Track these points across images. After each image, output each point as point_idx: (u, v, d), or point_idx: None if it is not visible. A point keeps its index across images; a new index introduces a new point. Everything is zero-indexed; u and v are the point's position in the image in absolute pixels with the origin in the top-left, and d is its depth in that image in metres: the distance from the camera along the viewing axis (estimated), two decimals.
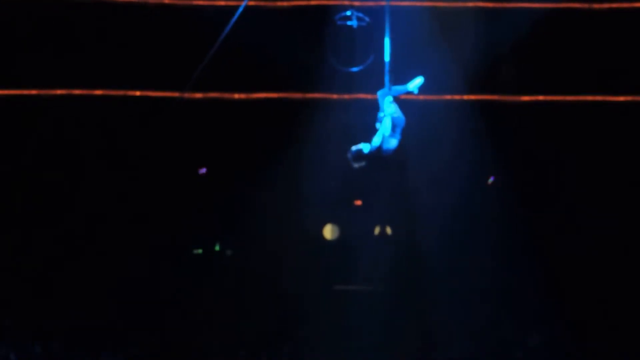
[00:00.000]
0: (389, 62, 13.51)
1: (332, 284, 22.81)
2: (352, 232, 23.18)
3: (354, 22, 17.89)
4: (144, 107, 21.54)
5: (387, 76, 13.47)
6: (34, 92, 21.39)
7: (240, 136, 21.86)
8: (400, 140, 13.35)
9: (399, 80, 13.85)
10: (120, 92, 21.46)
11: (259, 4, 20.70)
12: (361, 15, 17.91)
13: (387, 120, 13.26)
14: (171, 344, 21.67)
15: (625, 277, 22.09)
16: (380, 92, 13.58)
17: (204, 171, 22.70)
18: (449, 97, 21.56)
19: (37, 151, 21.91)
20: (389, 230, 23.41)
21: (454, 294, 22.23)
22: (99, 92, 21.48)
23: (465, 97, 21.71)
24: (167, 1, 21.28)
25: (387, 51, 13.54)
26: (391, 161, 13.48)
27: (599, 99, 21.62)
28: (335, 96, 21.41)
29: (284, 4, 21.22)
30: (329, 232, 23.44)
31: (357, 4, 19.80)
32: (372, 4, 19.07)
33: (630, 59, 21.33)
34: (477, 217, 22.28)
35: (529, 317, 22.40)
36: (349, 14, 17.92)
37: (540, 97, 21.90)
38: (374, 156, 13.22)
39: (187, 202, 22.17)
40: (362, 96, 20.46)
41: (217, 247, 23.31)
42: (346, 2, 20.11)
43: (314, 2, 21.20)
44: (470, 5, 21.36)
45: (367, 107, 14.12)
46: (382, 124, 13.30)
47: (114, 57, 21.36)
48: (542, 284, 21.96)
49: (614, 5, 21.23)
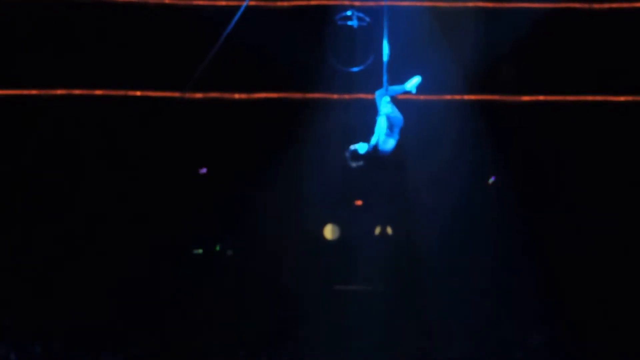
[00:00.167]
0: (387, 62, 13.46)
1: (333, 284, 22.80)
2: (352, 232, 23.17)
3: (354, 22, 17.93)
4: (144, 107, 21.51)
5: (385, 76, 13.44)
6: (34, 92, 21.37)
7: (240, 136, 21.84)
8: (398, 140, 13.31)
9: (398, 80, 13.83)
10: (120, 92, 21.45)
11: (259, 4, 20.68)
12: (361, 15, 17.94)
13: (382, 119, 13.22)
14: (171, 344, 21.65)
15: (625, 277, 22.08)
16: (377, 92, 13.52)
17: (204, 171, 22.69)
18: (449, 97, 21.54)
19: (37, 151, 21.89)
20: (389, 230, 23.41)
21: (454, 294, 22.22)
22: (99, 92, 21.46)
23: (465, 97, 21.69)
24: (167, 1, 21.26)
25: (385, 51, 13.51)
26: (391, 161, 13.45)
27: (599, 99, 21.60)
28: (335, 96, 21.38)
29: (284, 4, 21.19)
30: (329, 232, 23.43)
31: (357, 4, 19.79)
32: (372, 4, 19.05)
33: (630, 59, 21.31)
34: (477, 217, 22.27)
35: (529, 317, 22.39)
36: (349, 14, 17.96)
37: (540, 97, 21.88)
38: (372, 156, 13.18)
39: (187, 202, 22.15)
40: (363, 96, 20.43)
41: (217, 247, 23.31)
42: (346, 2, 20.12)
43: (314, 2, 21.17)
44: (470, 5, 21.34)
45: (368, 107, 14.06)
46: (377, 123, 13.26)
47: (114, 57, 21.33)
48: (542, 284, 21.95)
49: (614, 5, 21.21)
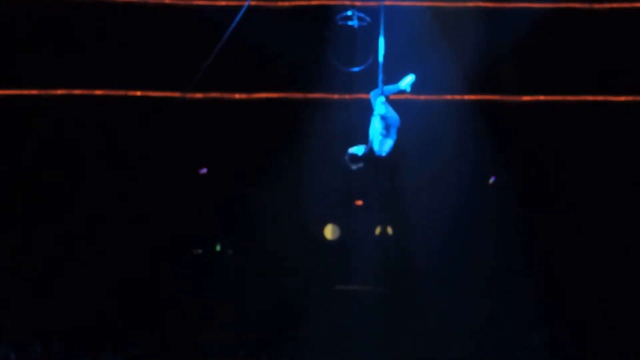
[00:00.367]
0: (382, 62, 13.45)
1: (333, 284, 22.79)
2: (353, 232, 23.17)
3: (354, 22, 17.93)
4: (144, 107, 21.53)
5: (381, 76, 13.42)
6: (34, 92, 21.38)
7: (240, 136, 21.84)
8: (395, 140, 13.29)
9: (397, 80, 13.83)
10: (120, 92, 21.46)
11: (260, 4, 20.68)
12: (362, 15, 17.93)
13: (376, 120, 13.19)
14: (171, 344, 21.64)
15: (625, 277, 22.07)
16: (372, 93, 13.48)
17: (204, 171, 22.69)
18: (449, 97, 21.55)
19: (37, 151, 21.89)
20: (389, 230, 23.40)
21: (454, 294, 22.22)
22: (99, 92, 21.47)
23: (465, 97, 21.70)
24: (167, 1, 21.27)
25: (381, 51, 13.50)
26: (391, 161, 13.44)
27: (599, 99, 21.62)
28: (335, 96, 21.39)
29: (285, 4, 21.19)
30: (329, 232, 23.42)
31: (357, 4, 19.80)
32: (373, 4, 19.06)
33: (630, 59, 21.32)
34: (477, 217, 22.26)
35: (529, 317, 22.38)
36: (350, 14, 17.96)
37: (540, 97, 21.89)
38: (371, 157, 13.15)
39: (188, 202, 22.15)
40: (363, 96, 20.38)
41: (217, 247, 23.30)
42: (347, 2, 20.13)
43: (314, 2, 21.18)
44: (470, 5, 21.36)
45: (368, 107, 14.00)
46: (372, 124, 13.23)
47: (114, 57, 21.35)
48: (542, 284, 21.95)
49: (615, 5, 21.23)
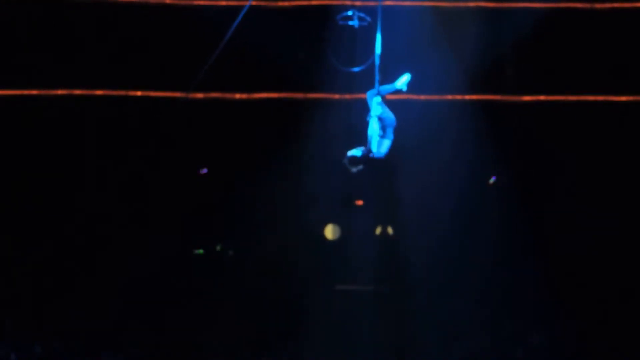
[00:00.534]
0: (378, 63, 13.45)
1: (334, 284, 22.79)
2: (353, 232, 23.17)
3: (355, 22, 17.89)
4: (145, 107, 21.53)
5: (377, 76, 13.42)
6: (34, 92, 21.37)
7: (241, 136, 21.85)
8: (393, 141, 13.28)
9: (395, 79, 13.83)
10: (120, 92, 21.45)
11: (260, 4, 20.67)
12: (362, 15, 17.90)
13: (373, 122, 13.19)
14: (171, 344, 21.64)
15: (625, 277, 22.08)
16: (369, 93, 13.49)
17: (204, 171, 22.69)
18: (450, 97, 21.56)
19: (37, 151, 21.88)
20: (390, 230, 23.40)
21: (454, 294, 22.23)
22: (99, 92, 21.47)
23: (466, 97, 21.70)
24: (168, 1, 21.27)
25: (377, 51, 13.51)
26: (392, 161, 13.43)
27: (600, 98, 21.63)
28: (336, 96, 21.39)
29: (285, 4, 21.20)
30: (330, 232, 23.42)
31: (358, 4, 19.80)
32: (373, 4, 19.04)
33: (631, 59, 21.36)
34: (478, 217, 22.26)
35: (529, 317, 22.39)
36: (350, 14, 17.92)
37: (541, 97, 21.90)
38: (369, 159, 13.13)
39: (188, 202, 22.15)
40: (363, 96, 20.37)
41: (218, 248, 23.29)
42: (347, 2, 20.13)
43: (315, 2, 21.19)
44: (471, 5, 21.36)
45: (367, 108, 14.07)
46: (369, 126, 13.22)
47: (114, 57, 21.35)
48: (542, 284, 21.95)
49: (616, 5, 21.24)
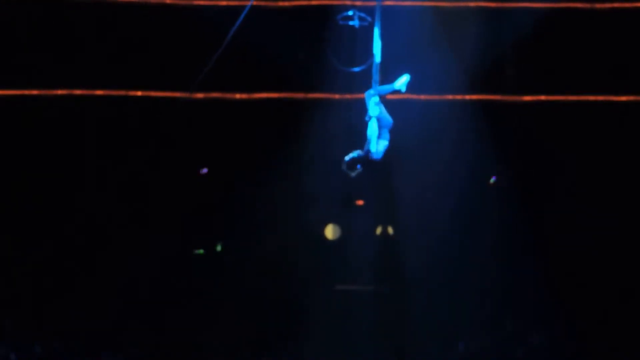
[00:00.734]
0: (378, 63, 13.44)
1: (334, 284, 22.79)
2: (353, 232, 23.16)
3: (355, 22, 17.92)
4: (145, 107, 21.53)
5: (375, 76, 13.43)
6: (34, 92, 21.37)
7: (241, 136, 21.86)
8: (389, 142, 13.29)
9: (395, 80, 13.84)
10: (121, 92, 21.45)
11: (261, 4, 20.66)
12: (363, 15, 17.92)
13: (373, 122, 13.21)
14: (171, 344, 21.64)
15: (625, 277, 22.09)
16: (367, 93, 13.45)
17: (205, 171, 22.69)
18: (450, 97, 21.57)
19: (37, 151, 21.88)
20: (390, 230, 23.40)
21: (454, 294, 22.23)
22: (99, 92, 21.47)
23: (466, 97, 21.71)
24: (168, 1, 21.27)
25: (377, 51, 13.52)
26: (392, 161, 13.43)
27: (600, 98, 21.64)
28: (336, 96, 21.38)
29: (286, 4, 21.20)
30: (330, 232, 23.42)
31: (358, 3, 19.80)
32: (373, 4, 19.03)
33: (632, 59, 21.36)
34: (478, 217, 22.27)
35: (529, 317, 22.39)
36: (350, 14, 17.95)
37: (541, 97, 21.91)
38: (366, 160, 13.14)
39: (188, 202, 22.15)
40: (363, 96, 20.39)
41: (218, 248, 23.29)
42: (348, 2, 20.13)
43: (315, 2, 21.19)
44: (472, 5, 21.36)
45: (366, 108, 14.06)
46: (369, 127, 13.23)
47: (115, 57, 21.35)
48: (542, 284, 21.95)
49: (616, 5, 21.24)
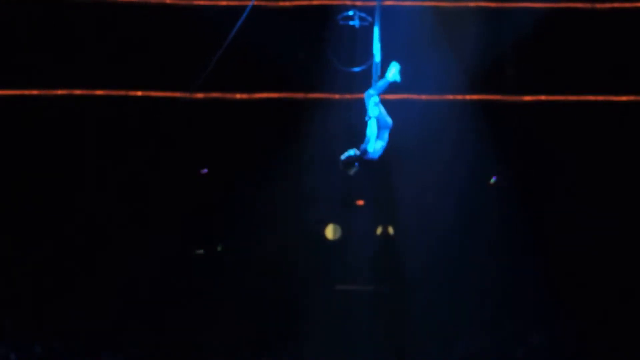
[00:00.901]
0: (378, 63, 13.47)
1: (334, 284, 22.80)
2: (353, 232, 23.16)
3: (356, 22, 17.91)
4: (145, 107, 21.53)
5: (376, 76, 13.44)
6: (34, 92, 21.37)
7: (241, 136, 21.86)
8: (387, 142, 13.30)
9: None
10: (121, 92, 21.45)
11: (261, 4, 20.66)
12: (363, 15, 17.92)
13: (372, 123, 13.22)
14: (171, 344, 21.64)
15: (625, 277, 22.09)
16: (367, 93, 13.50)
17: (205, 171, 22.69)
18: (450, 97, 21.57)
19: (37, 151, 21.88)
20: (390, 230, 23.40)
21: (454, 294, 22.23)
22: (99, 92, 21.47)
23: (466, 97, 21.72)
24: (168, 1, 21.27)
25: (377, 52, 13.53)
26: (392, 161, 13.42)
27: (600, 98, 21.65)
28: (337, 96, 21.38)
29: (286, 4, 21.20)
30: (330, 232, 23.42)
31: (359, 3, 19.80)
32: (374, 4, 19.03)
33: (632, 59, 21.37)
34: (478, 217, 22.28)
35: (529, 317, 22.39)
36: (351, 14, 17.95)
37: (541, 97, 21.92)
38: (362, 160, 13.15)
39: (189, 203, 22.16)
40: (363, 96, 20.41)
41: (219, 248, 23.29)
42: (348, 2, 20.13)
43: (315, 2, 21.20)
44: (472, 5, 21.37)
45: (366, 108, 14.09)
46: (369, 127, 13.24)
47: (115, 57, 21.36)
48: (542, 284, 21.96)
49: (616, 5, 21.25)
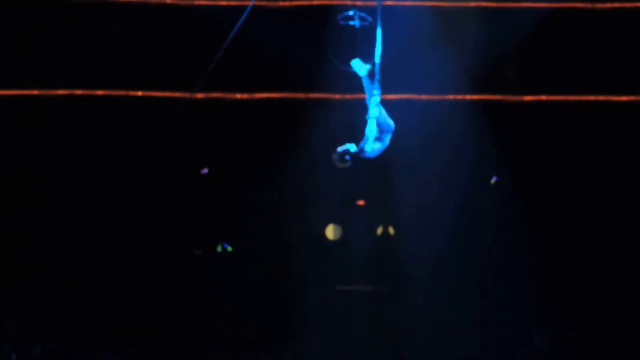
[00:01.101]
0: (379, 64, 13.49)
1: (334, 284, 22.80)
2: (354, 232, 23.16)
3: (356, 22, 17.89)
4: (145, 107, 21.53)
5: (377, 76, 13.44)
6: (34, 92, 21.36)
7: (241, 136, 21.87)
8: (386, 145, 13.32)
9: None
10: (121, 92, 21.45)
11: (261, 3, 20.67)
12: (364, 15, 17.90)
13: (372, 122, 13.24)
14: (171, 344, 21.62)
15: (625, 277, 22.09)
16: (367, 94, 13.55)
17: (205, 171, 22.69)
18: (451, 97, 21.58)
19: (37, 151, 21.87)
20: (391, 230, 23.40)
21: (454, 294, 22.23)
22: (100, 92, 21.47)
23: (466, 97, 21.72)
24: (168, 1, 21.27)
25: (378, 52, 13.53)
26: (393, 161, 13.43)
27: (601, 98, 21.65)
28: (337, 96, 21.38)
29: (286, 3, 21.21)
30: (331, 232, 23.42)
31: (359, 3, 19.77)
32: (374, 4, 19.04)
33: (632, 59, 21.37)
34: (479, 217, 22.28)
35: (529, 317, 22.39)
36: (351, 13, 17.92)
37: (542, 97, 21.92)
38: (358, 157, 13.17)
39: (189, 203, 22.16)
40: (364, 96, 20.38)
41: (219, 248, 23.29)
42: (348, 2, 20.13)
43: (315, 2, 21.20)
44: (472, 4, 21.38)
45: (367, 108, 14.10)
46: (368, 126, 13.26)
47: (115, 57, 21.36)
48: (542, 284, 21.96)
49: (617, 4, 21.25)
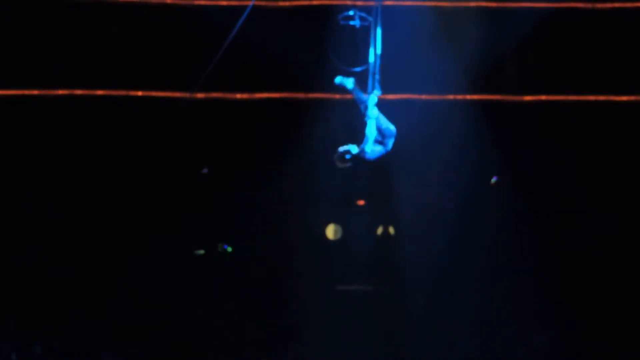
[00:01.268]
0: (378, 64, 13.47)
1: (334, 284, 22.80)
2: (354, 232, 23.16)
3: (356, 22, 17.88)
4: (146, 107, 21.53)
5: (377, 77, 13.42)
6: (34, 92, 21.36)
7: (242, 136, 21.87)
8: (387, 149, 13.32)
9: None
10: (121, 92, 21.45)
11: (261, 3, 20.67)
12: (364, 15, 17.90)
13: (372, 122, 13.24)
14: (171, 344, 21.63)
15: (625, 277, 22.09)
16: (368, 94, 13.55)
17: (205, 171, 22.68)
18: (451, 97, 21.57)
19: (37, 151, 21.87)
20: (391, 230, 23.40)
21: (455, 294, 22.23)
22: (100, 92, 21.47)
23: (467, 97, 21.72)
24: (168, 1, 21.26)
25: (377, 52, 13.51)
26: (393, 161, 13.44)
27: (601, 98, 21.65)
28: (337, 96, 21.36)
29: (286, 3, 21.21)
30: (331, 232, 23.42)
31: (359, 3, 19.77)
32: (374, 3, 19.04)
33: (632, 59, 21.37)
34: (479, 217, 22.28)
35: (530, 317, 22.39)
36: (351, 13, 17.92)
37: (542, 97, 21.92)
38: (359, 158, 13.17)
39: (189, 203, 22.16)
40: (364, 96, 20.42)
41: (219, 248, 23.29)
42: (348, 2, 20.13)
43: (315, 2, 21.20)
44: (472, 4, 21.37)
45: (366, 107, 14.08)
46: (368, 126, 13.27)
47: (115, 57, 21.35)
48: (543, 284, 21.96)
49: (617, 4, 21.25)
